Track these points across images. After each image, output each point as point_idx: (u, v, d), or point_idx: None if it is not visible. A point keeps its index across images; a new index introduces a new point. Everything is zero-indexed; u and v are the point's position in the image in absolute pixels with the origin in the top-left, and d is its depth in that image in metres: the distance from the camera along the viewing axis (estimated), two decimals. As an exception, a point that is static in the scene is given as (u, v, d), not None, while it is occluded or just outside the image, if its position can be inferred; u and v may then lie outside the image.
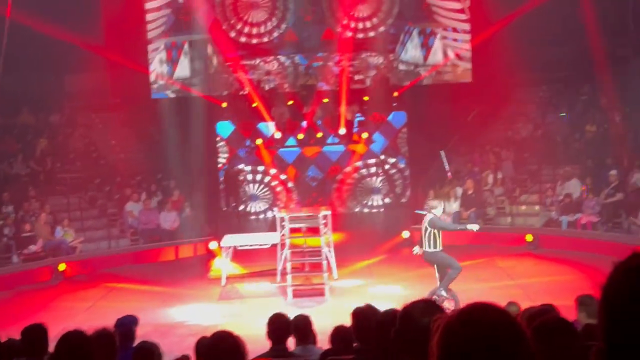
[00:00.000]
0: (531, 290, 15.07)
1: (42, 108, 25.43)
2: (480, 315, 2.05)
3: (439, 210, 14.54)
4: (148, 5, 24.75)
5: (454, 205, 22.01)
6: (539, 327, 3.85)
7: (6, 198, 21.16)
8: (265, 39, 25.59)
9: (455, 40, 24.98)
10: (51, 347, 5.50)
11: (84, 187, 23.48)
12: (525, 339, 2.03)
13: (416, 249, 14.46)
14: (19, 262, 19.77)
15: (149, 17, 24.86)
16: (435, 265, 14.34)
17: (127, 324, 7.87)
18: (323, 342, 7.73)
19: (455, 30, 24.93)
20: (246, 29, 25.46)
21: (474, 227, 14.47)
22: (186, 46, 25.29)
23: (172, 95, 25.38)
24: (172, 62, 25.27)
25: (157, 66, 25.15)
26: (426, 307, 3.06)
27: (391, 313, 3.17)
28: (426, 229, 13.92)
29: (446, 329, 2.07)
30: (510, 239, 20.64)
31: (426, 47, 25.16)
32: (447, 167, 23.46)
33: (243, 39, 25.49)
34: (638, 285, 1.86)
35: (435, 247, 14.01)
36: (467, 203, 21.90)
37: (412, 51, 25.23)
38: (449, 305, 13.59)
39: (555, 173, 22.29)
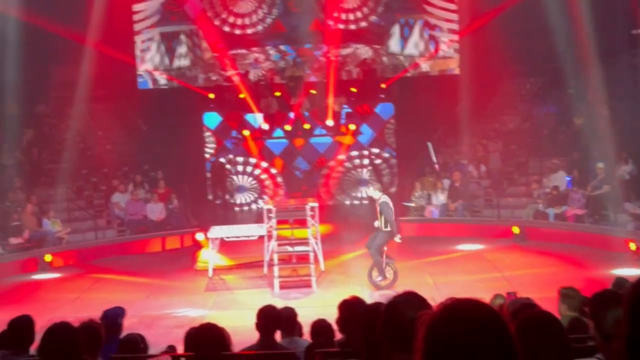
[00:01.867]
0: (517, 282, 15.11)
1: (27, 98, 25.25)
2: (464, 312, 2.05)
3: (377, 194, 16.02)
4: (136, 3, 24.65)
5: (441, 197, 22.04)
6: (523, 321, 3.84)
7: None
8: (253, 30, 25.53)
9: (443, 31, 24.99)
10: (37, 339, 5.48)
11: (71, 178, 23.37)
12: (510, 335, 2.03)
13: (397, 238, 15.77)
14: (4, 253, 19.69)
15: (136, 7, 24.75)
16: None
17: (114, 316, 7.84)
18: (309, 334, 7.74)
19: (443, 21, 24.93)
20: (233, 20, 25.40)
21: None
22: (173, 37, 25.19)
23: (158, 86, 25.29)
24: (159, 53, 25.17)
25: (143, 57, 25.05)
26: (412, 301, 3.05)
27: (377, 306, 3.16)
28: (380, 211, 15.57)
29: (430, 325, 2.07)
30: (497, 231, 20.69)
31: (414, 39, 25.16)
32: (434, 158, 23.49)
33: (230, 30, 25.42)
34: None
35: (385, 227, 15.63)
36: (454, 195, 21.94)
37: (400, 43, 25.22)
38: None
39: (542, 165, 22.34)
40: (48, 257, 19.41)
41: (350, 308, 5.81)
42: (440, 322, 2.05)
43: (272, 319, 6.80)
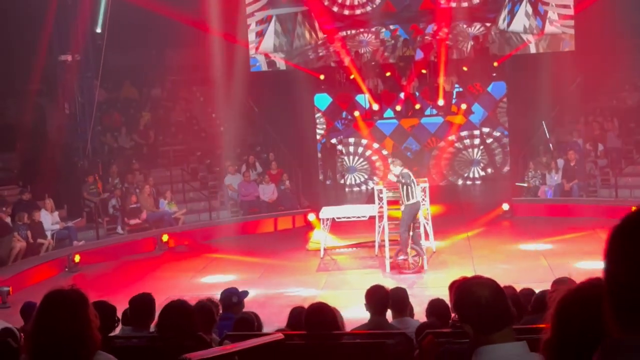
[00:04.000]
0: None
1: (144, 82, 26.02)
2: (597, 291, 2.05)
3: (398, 169, 16.03)
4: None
5: (556, 177, 21.52)
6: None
7: (114, 171, 21.80)
8: (363, 10, 25.47)
9: (557, 7, 24.30)
10: (157, 316, 5.65)
11: (186, 160, 23.95)
12: None
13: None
14: (124, 233, 20.39)
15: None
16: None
17: (229, 295, 8.05)
18: (421, 314, 7.72)
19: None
20: (342, 0, 25.38)
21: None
22: (284, 19, 25.39)
23: (270, 69, 25.56)
24: (271, 35, 25.41)
25: (255, 39, 25.35)
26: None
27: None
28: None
29: (563, 302, 2.18)
30: (615, 211, 20.03)
31: (527, 16, 24.58)
32: (548, 137, 22.94)
33: (340, 10, 25.43)
34: None
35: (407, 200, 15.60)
36: (569, 175, 21.37)
37: (512, 20, 24.69)
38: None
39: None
40: (165, 237, 19.97)
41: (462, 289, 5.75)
42: (573, 299, 2.15)
43: (380, 299, 6.80)
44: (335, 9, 25.40)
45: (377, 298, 6.79)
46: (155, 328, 5.58)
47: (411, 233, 15.71)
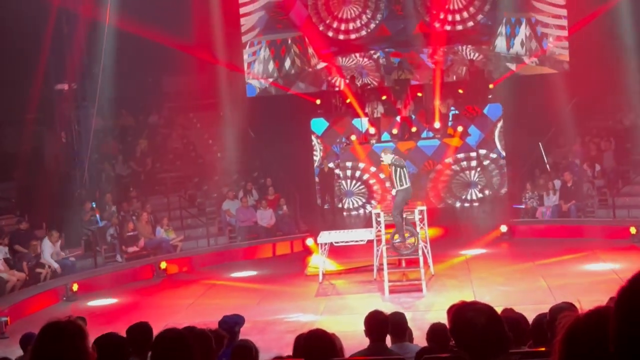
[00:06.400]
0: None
1: (141, 109, 26.07)
2: (606, 320, 2.06)
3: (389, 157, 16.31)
4: (243, 10, 25.12)
5: (553, 198, 21.53)
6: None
7: (109, 199, 21.78)
8: (358, 35, 25.61)
9: (551, 28, 24.45)
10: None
11: (183, 186, 23.95)
12: None
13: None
14: (123, 261, 20.34)
15: (243, 12, 25.22)
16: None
17: (232, 324, 7.99)
18: (421, 339, 7.69)
19: (551, 18, 24.43)
20: (338, 25, 25.54)
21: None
22: (279, 45, 25.53)
23: (266, 94, 25.67)
24: (266, 61, 25.55)
25: (251, 65, 25.48)
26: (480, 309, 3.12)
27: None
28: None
29: (571, 329, 2.18)
30: (612, 231, 20.05)
31: (521, 38, 24.73)
32: (545, 159, 22.98)
33: (335, 35, 25.58)
34: None
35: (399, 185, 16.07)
36: (566, 195, 21.38)
37: (507, 42, 24.84)
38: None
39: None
40: (163, 264, 19.92)
41: (461, 314, 5.73)
42: (580, 328, 2.16)
43: (379, 324, 6.77)
44: (330, 34, 25.56)
45: (376, 323, 6.76)
46: (150, 357, 5.55)
47: (404, 215, 16.33)
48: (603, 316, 2.10)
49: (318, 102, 25.15)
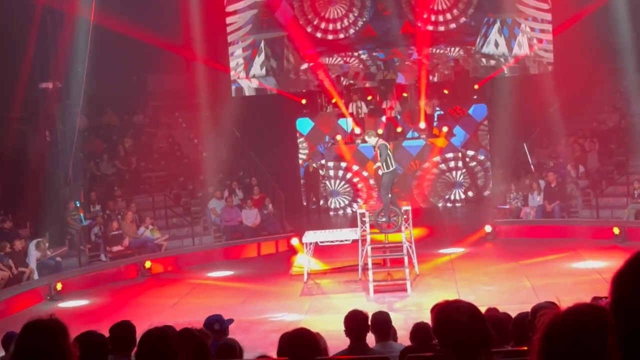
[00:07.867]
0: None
1: (126, 108, 25.99)
2: (584, 316, 2.08)
3: (373, 140, 16.68)
4: (229, 9, 25.08)
5: (537, 199, 21.62)
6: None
7: (94, 198, 21.70)
8: (344, 35, 25.64)
9: (536, 30, 24.56)
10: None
11: (168, 186, 23.89)
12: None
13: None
14: (107, 260, 20.26)
15: (229, 13, 25.18)
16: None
17: (212, 322, 8.00)
18: (405, 338, 7.70)
19: (535, 20, 24.54)
20: (324, 25, 25.57)
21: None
22: (265, 44, 25.53)
23: (252, 94, 25.65)
24: (252, 60, 25.54)
25: (237, 65, 25.46)
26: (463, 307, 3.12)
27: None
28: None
29: (549, 326, 2.16)
30: (596, 232, 20.16)
31: (506, 39, 24.82)
32: (529, 159, 23.07)
33: (324, 36, 25.61)
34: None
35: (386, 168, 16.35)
36: (550, 196, 21.48)
37: (492, 43, 24.92)
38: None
39: (643, 164, 21.67)
40: (148, 264, 19.87)
41: (445, 313, 5.75)
42: (559, 325, 2.13)
43: (359, 324, 6.77)
44: (318, 34, 25.58)
45: (356, 323, 6.77)
46: (134, 357, 5.54)
47: (390, 195, 16.69)
48: (582, 313, 2.11)
49: (304, 101, 25.16)
